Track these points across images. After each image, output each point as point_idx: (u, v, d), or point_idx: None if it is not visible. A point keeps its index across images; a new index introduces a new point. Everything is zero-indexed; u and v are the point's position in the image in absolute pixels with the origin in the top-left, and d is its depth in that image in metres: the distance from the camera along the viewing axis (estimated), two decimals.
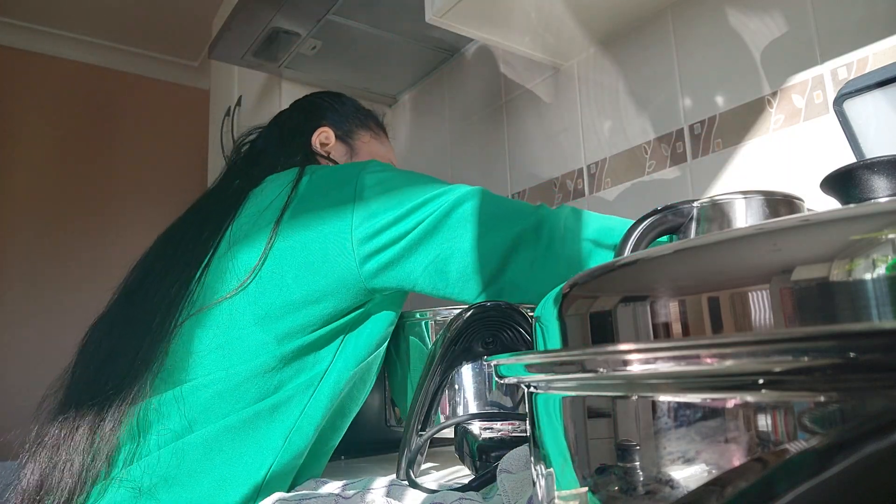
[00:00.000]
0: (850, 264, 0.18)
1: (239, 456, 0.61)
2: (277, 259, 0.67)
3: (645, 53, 1.07)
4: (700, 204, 0.42)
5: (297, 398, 0.66)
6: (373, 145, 0.98)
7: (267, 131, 0.95)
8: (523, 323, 0.65)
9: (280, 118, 0.98)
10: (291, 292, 0.66)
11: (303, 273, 0.67)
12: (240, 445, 0.62)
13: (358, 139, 0.97)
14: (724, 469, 0.19)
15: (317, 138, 0.92)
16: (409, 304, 1.65)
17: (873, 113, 0.54)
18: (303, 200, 0.71)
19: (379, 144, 1.00)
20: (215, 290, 0.67)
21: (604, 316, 0.25)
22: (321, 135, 0.93)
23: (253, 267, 0.67)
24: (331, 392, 0.68)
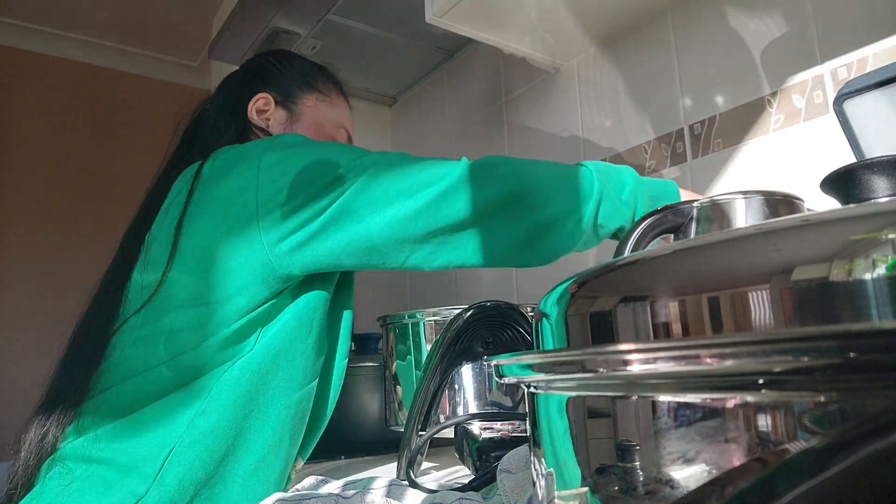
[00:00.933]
0: (850, 264, 0.18)
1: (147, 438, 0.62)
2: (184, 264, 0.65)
3: (645, 53, 1.07)
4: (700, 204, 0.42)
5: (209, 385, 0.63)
6: (319, 109, 0.89)
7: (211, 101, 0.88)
8: (523, 323, 0.65)
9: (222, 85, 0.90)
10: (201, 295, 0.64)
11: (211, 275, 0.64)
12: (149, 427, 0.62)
13: (301, 103, 0.88)
14: (724, 469, 0.19)
15: (253, 106, 0.85)
16: (410, 303, 1.65)
17: (873, 113, 0.54)
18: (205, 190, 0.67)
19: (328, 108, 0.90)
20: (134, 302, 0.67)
21: (604, 316, 0.25)
22: (258, 101, 0.85)
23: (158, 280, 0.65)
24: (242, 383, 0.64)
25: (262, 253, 0.63)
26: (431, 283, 1.57)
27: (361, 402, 1.00)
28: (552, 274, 1.24)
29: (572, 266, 1.20)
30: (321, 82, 0.90)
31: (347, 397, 1.00)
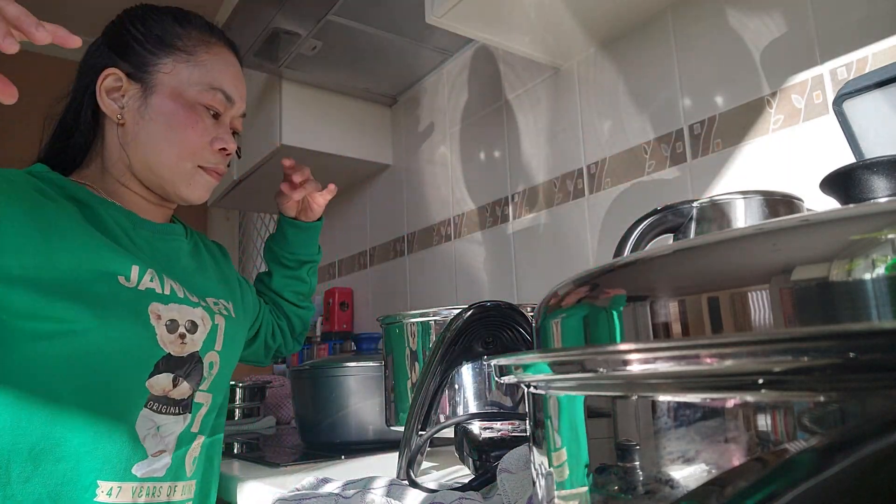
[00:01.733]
0: (849, 264, 0.18)
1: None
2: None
3: (645, 53, 1.07)
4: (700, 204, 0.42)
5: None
6: (180, 74, 0.75)
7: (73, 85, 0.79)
8: (523, 323, 0.65)
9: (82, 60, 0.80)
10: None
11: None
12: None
13: (158, 71, 0.75)
14: (724, 469, 0.19)
15: (101, 86, 0.74)
16: (410, 303, 1.65)
17: (873, 113, 0.54)
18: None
19: (192, 69, 0.76)
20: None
21: (604, 316, 0.25)
22: (105, 80, 0.74)
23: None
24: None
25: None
26: (431, 283, 1.57)
27: (361, 402, 1.00)
28: (552, 274, 1.24)
29: (573, 266, 1.20)
30: (182, 38, 0.76)
31: (348, 397, 1.00)
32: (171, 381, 0.71)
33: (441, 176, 1.57)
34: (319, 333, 1.95)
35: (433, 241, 1.57)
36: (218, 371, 0.77)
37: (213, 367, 0.77)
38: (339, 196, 2.05)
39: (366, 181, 1.89)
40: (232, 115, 0.82)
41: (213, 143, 0.78)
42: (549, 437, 0.27)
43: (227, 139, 0.80)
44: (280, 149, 1.62)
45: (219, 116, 0.80)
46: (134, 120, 0.75)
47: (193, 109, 0.76)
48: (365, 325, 1.86)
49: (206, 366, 0.75)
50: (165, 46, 0.76)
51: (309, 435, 1.05)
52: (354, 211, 1.95)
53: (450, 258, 1.50)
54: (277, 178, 1.90)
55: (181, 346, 0.72)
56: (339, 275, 2.01)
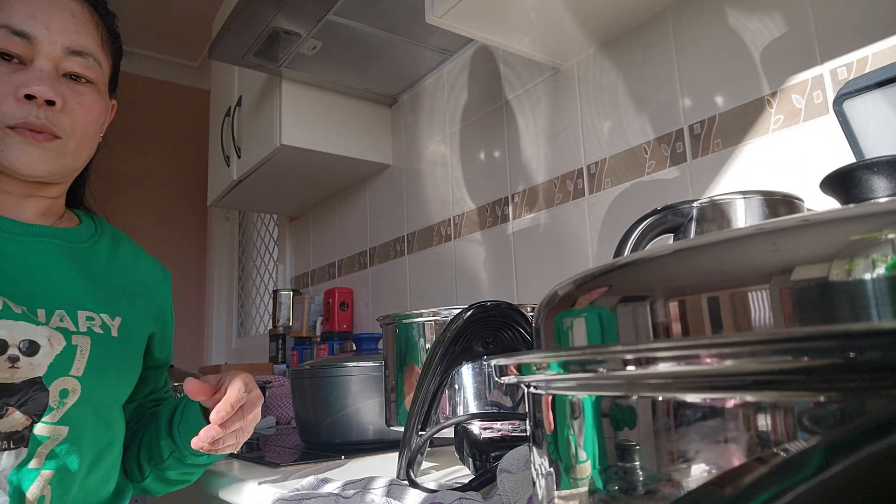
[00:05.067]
0: (849, 264, 0.18)
1: None
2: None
3: (645, 53, 1.07)
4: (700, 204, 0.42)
5: None
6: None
7: None
8: (523, 323, 0.65)
9: None
10: None
11: None
12: None
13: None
14: (724, 469, 0.19)
15: None
16: (410, 303, 1.65)
17: (873, 113, 0.54)
18: None
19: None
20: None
21: (604, 316, 0.25)
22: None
23: None
24: None
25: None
26: (431, 283, 1.57)
27: (361, 402, 1.00)
28: (552, 274, 1.24)
29: (573, 266, 1.20)
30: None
31: (347, 397, 1.00)
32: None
33: (441, 176, 1.57)
34: (319, 333, 1.95)
35: (433, 241, 1.57)
36: (78, 400, 0.65)
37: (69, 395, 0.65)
38: (339, 196, 2.05)
39: (366, 181, 1.89)
40: (49, 56, 0.66)
41: (16, 93, 0.64)
42: (549, 437, 0.27)
43: (31, 82, 0.64)
44: (280, 148, 1.62)
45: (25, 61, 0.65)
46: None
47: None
48: (365, 325, 1.86)
49: (55, 394, 0.64)
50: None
51: (309, 435, 1.05)
52: (354, 211, 1.95)
53: (450, 258, 1.50)
54: (277, 178, 1.91)
55: (11, 372, 0.61)
56: (339, 275, 2.01)
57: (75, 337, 0.66)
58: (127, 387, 0.73)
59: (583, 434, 0.25)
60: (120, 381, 0.71)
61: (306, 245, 2.26)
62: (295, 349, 2.00)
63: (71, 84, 0.68)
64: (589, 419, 0.24)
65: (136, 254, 0.82)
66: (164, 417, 0.77)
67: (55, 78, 0.66)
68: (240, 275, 2.97)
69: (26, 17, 0.65)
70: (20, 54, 0.65)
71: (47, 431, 0.63)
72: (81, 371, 0.66)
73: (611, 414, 0.23)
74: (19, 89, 0.63)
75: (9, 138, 0.65)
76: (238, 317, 2.95)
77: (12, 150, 0.65)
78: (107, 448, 0.70)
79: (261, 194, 2.03)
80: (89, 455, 0.67)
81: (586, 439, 0.25)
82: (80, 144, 0.70)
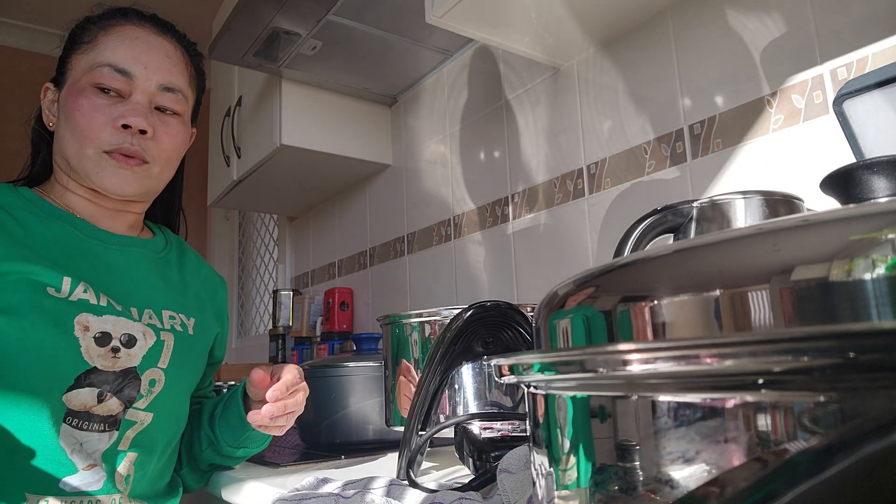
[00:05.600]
0: (849, 264, 0.18)
1: None
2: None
3: (645, 53, 1.07)
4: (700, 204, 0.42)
5: None
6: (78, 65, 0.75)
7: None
8: (523, 323, 0.65)
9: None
10: None
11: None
12: None
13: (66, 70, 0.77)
14: (724, 469, 0.19)
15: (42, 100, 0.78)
16: (410, 303, 1.65)
17: (873, 113, 0.54)
18: None
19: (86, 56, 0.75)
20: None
21: (604, 316, 0.25)
22: (46, 94, 0.78)
23: None
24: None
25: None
26: (431, 283, 1.57)
27: (361, 402, 1.00)
28: (552, 274, 1.24)
29: (573, 266, 1.20)
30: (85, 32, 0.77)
31: (348, 397, 1.00)
32: (95, 397, 0.67)
33: (441, 176, 1.57)
34: (319, 333, 1.95)
35: (433, 241, 1.57)
36: (162, 389, 0.73)
37: (156, 384, 0.73)
38: (339, 196, 2.05)
39: (366, 181, 1.89)
40: (144, 91, 0.75)
41: (114, 123, 0.73)
42: (549, 437, 0.27)
43: (132, 114, 0.73)
44: (280, 148, 1.63)
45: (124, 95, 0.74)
46: (56, 124, 0.77)
47: (82, 94, 0.73)
48: (365, 325, 1.86)
49: (146, 382, 0.72)
50: (72, 45, 0.77)
51: (309, 435, 1.05)
52: (354, 211, 1.95)
53: (450, 258, 1.50)
54: (277, 178, 1.91)
55: (113, 361, 0.69)
56: (339, 275, 2.01)
57: (162, 333, 0.75)
58: (196, 380, 0.82)
59: (583, 434, 0.25)
60: (193, 374, 0.80)
61: (306, 245, 2.26)
62: (295, 349, 2.00)
63: (161, 115, 0.78)
64: (589, 419, 0.24)
65: (199, 262, 0.91)
66: (206, 411, 0.85)
67: (148, 110, 0.76)
68: (240, 275, 2.98)
69: (128, 57, 0.74)
70: (119, 89, 0.74)
71: (136, 417, 0.71)
72: (166, 363, 0.74)
73: (610, 414, 0.23)
74: (117, 120, 0.73)
75: (104, 161, 0.74)
76: (238, 317, 2.95)
77: (106, 172, 0.74)
78: (174, 436, 0.78)
79: (261, 194, 2.03)
80: (162, 441, 0.75)
81: (586, 439, 0.25)
82: (163, 169, 0.79)
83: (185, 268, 0.87)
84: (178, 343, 0.76)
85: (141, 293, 0.76)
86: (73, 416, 0.66)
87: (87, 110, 0.72)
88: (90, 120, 0.72)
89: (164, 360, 0.74)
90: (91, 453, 0.67)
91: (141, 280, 0.78)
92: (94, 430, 0.67)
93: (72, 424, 0.66)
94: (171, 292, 0.81)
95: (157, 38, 0.78)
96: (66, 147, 0.75)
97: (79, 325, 0.67)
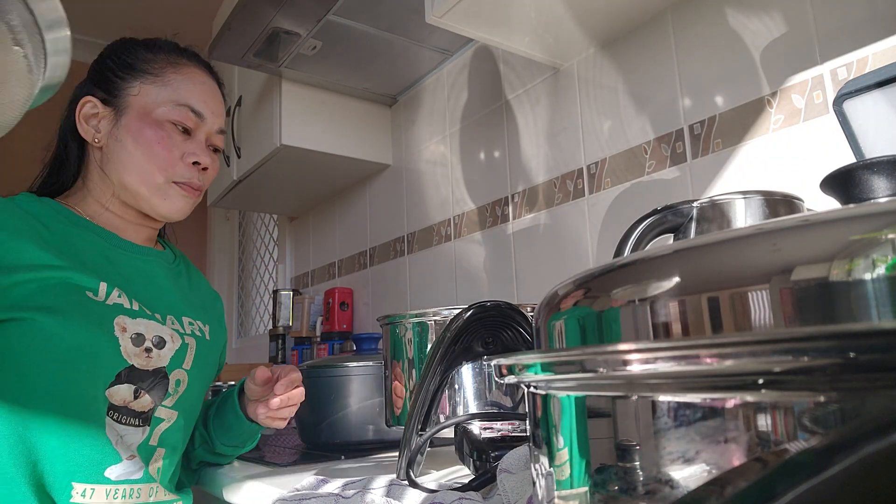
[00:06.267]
0: (849, 264, 0.18)
1: None
2: None
3: (645, 53, 1.07)
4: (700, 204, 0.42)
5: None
6: (147, 95, 0.80)
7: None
8: (523, 323, 0.65)
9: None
10: None
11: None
12: None
13: (127, 94, 0.80)
14: (724, 469, 0.19)
15: (79, 114, 0.80)
16: (410, 303, 1.65)
17: (873, 113, 0.54)
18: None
19: (159, 89, 0.81)
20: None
21: (604, 316, 0.25)
22: (84, 107, 0.80)
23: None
24: None
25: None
26: (431, 283, 1.57)
27: (361, 402, 1.00)
28: (552, 274, 1.24)
29: (573, 266, 1.20)
30: (150, 62, 0.81)
31: (348, 397, 1.00)
32: (132, 393, 0.73)
33: (441, 176, 1.57)
34: (319, 333, 1.95)
35: (433, 241, 1.57)
36: (186, 389, 0.79)
37: (181, 384, 0.78)
38: (339, 196, 2.05)
39: (366, 181, 1.89)
40: (207, 132, 0.84)
41: (185, 158, 0.81)
42: (549, 437, 0.27)
43: (201, 153, 0.82)
44: (280, 148, 1.62)
45: (190, 133, 0.83)
46: (109, 142, 0.80)
47: (161, 126, 0.80)
48: (365, 325, 1.86)
49: (173, 382, 0.77)
50: (134, 71, 0.81)
51: (309, 435, 1.05)
52: (354, 211, 1.95)
53: (450, 258, 1.50)
54: (277, 178, 1.91)
55: (146, 360, 0.74)
56: (339, 275, 2.01)
57: (186, 337, 0.80)
58: (210, 382, 0.87)
59: (583, 434, 0.25)
60: (209, 376, 0.86)
61: (306, 245, 2.26)
62: (295, 349, 2.00)
63: (211, 153, 0.87)
64: (589, 419, 0.24)
65: (200, 276, 0.97)
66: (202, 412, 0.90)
67: (208, 149, 0.85)
68: (240, 275, 2.97)
69: (200, 101, 0.83)
70: (191, 128, 0.82)
71: (164, 414, 0.77)
72: (189, 365, 0.80)
73: (610, 414, 0.23)
74: (188, 156, 0.82)
75: (171, 190, 0.82)
76: (238, 317, 2.95)
77: (173, 199, 0.82)
78: (189, 435, 0.84)
79: (261, 194, 2.03)
80: (182, 439, 0.81)
81: (586, 439, 0.25)
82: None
83: (192, 279, 0.93)
84: (199, 347, 0.82)
85: (164, 300, 0.81)
86: (114, 410, 0.72)
87: (168, 144, 0.80)
88: (169, 153, 0.80)
89: (188, 362, 0.80)
90: (129, 445, 0.72)
91: (162, 288, 0.83)
92: (130, 423, 0.73)
93: (113, 418, 0.71)
94: (187, 300, 0.86)
95: (213, 84, 0.87)
96: (127, 170, 0.80)
97: (117, 326, 0.72)
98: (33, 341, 0.67)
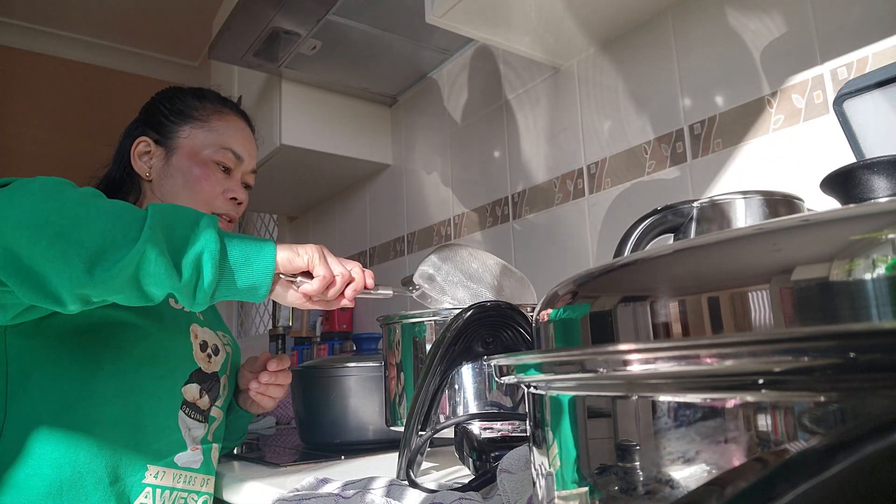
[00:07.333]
0: (850, 264, 0.18)
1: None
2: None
3: (645, 53, 1.07)
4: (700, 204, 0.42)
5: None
6: (195, 138, 0.91)
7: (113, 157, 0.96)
8: (523, 323, 0.65)
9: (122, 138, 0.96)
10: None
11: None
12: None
13: (178, 136, 0.91)
14: (724, 469, 0.19)
15: (134, 151, 0.91)
16: (410, 303, 1.65)
17: (873, 113, 0.54)
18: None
19: (206, 133, 0.92)
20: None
21: (604, 316, 0.25)
22: (138, 146, 0.91)
23: None
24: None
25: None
26: None
27: (361, 402, 1.00)
28: (552, 274, 1.24)
29: (573, 266, 1.20)
30: (198, 110, 0.94)
31: (348, 397, 1.00)
32: (199, 392, 0.84)
33: (441, 176, 1.57)
34: (319, 333, 1.95)
35: (433, 241, 1.57)
36: (227, 394, 0.91)
37: (225, 389, 0.90)
38: (339, 196, 2.05)
39: (366, 181, 1.89)
40: (243, 171, 0.95)
41: (224, 193, 0.91)
42: (550, 437, 0.27)
43: (238, 190, 0.93)
44: (280, 148, 1.62)
45: (230, 172, 0.93)
46: (160, 176, 0.91)
47: (206, 165, 0.90)
48: (365, 325, 1.86)
49: (222, 386, 0.89)
50: (184, 117, 0.92)
51: (309, 435, 1.05)
52: (354, 211, 1.95)
53: None
54: (277, 178, 1.90)
55: (208, 364, 0.86)
56: None
57: (226, 346, 0.91)
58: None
59: (583, 434, 0.25)
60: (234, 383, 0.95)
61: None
62: (295, 349, 2.00)
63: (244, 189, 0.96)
64: (589, 419, 0.24)
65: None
66: None
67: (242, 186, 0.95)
68: None
69: (240, 145, 0.94)
70: (231, 168, 0.92)
71: (216, 414, 0.87)
72: (229, 372, 0.91)
73: (611, 414, 0.23)
74: (227, 192, 0.91)
75: None
76: (238, 317, 2.95)
77: None
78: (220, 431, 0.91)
79: (260, 194, 2.03)
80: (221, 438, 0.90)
81: (586, 440, 0.25)
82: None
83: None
84: (234, 356, 0.94)
85: (206, 314, 0.92)
86: (186, 406, 0.82)
87: (212, 181, 0.90)
88: (212, 189, 0.90)
89: (228, 369, 0.91)
90: (195, 438, 0.82)
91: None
92: (196, 419, 0.83)
93: (185, 412, 0.81)
94: (216, 315, 0.98)
95: (249, 130, 0.99)
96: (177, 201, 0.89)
97: (192, 332, 0.85)
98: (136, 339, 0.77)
